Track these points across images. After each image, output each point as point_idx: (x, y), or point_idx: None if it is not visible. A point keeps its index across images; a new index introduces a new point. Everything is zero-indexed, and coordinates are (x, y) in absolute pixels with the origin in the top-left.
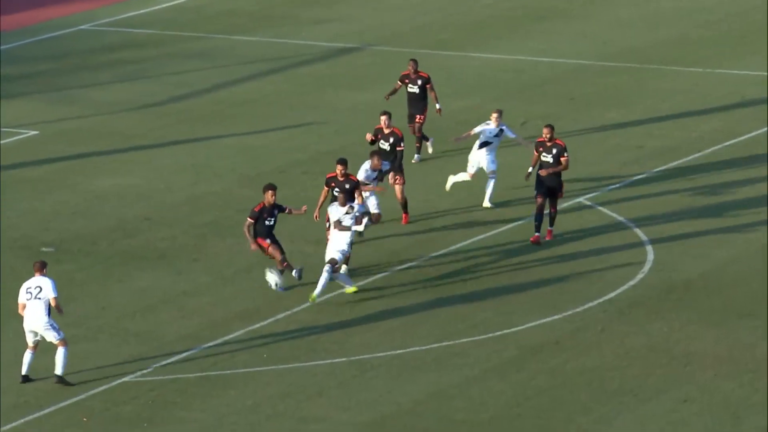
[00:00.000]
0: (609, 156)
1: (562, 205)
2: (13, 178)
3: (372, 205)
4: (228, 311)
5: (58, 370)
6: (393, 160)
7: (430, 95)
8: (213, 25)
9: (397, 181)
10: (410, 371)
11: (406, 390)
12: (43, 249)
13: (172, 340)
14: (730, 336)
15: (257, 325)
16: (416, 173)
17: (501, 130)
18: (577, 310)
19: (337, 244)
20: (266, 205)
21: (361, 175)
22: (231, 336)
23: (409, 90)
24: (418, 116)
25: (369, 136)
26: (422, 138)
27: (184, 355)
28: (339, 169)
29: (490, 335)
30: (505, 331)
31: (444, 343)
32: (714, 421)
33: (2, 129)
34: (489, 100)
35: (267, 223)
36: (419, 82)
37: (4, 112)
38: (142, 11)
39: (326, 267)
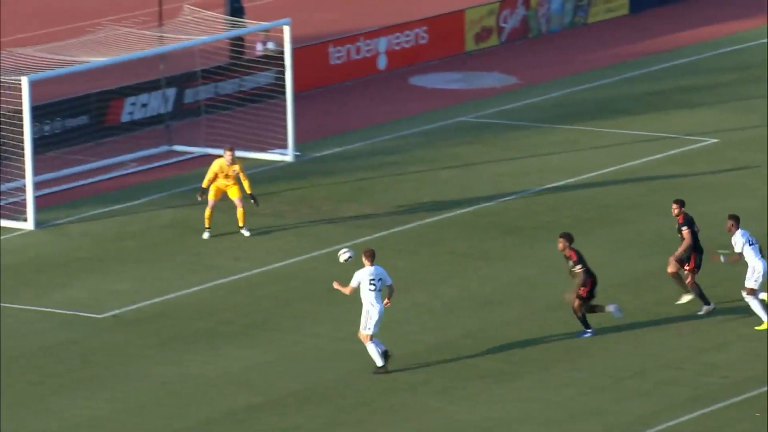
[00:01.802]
0: None
1: None
2: (690, 184)
3: None
4: None
5: (381, 362)
6: None
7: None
8: None
9: None
10: None
11: None
12: (719, 251)
13: None
14: None
15: None
16: None
17: None
18: None
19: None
20: None
21: None
22: None
23: None
24: None
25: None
26: None
27: None
28: None
29: None
30: None
31: None
32: None
33: (685, 137)
34: None
35: None
36: None
37: (689, 121)
38: None
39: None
